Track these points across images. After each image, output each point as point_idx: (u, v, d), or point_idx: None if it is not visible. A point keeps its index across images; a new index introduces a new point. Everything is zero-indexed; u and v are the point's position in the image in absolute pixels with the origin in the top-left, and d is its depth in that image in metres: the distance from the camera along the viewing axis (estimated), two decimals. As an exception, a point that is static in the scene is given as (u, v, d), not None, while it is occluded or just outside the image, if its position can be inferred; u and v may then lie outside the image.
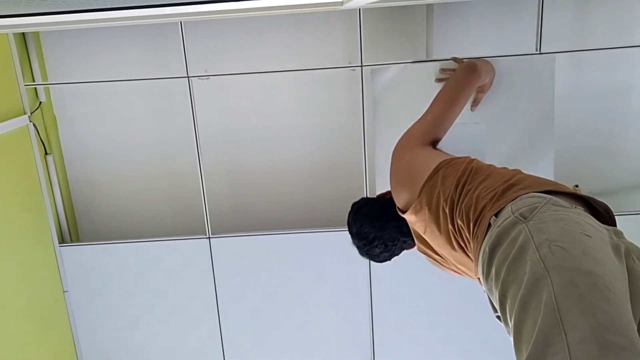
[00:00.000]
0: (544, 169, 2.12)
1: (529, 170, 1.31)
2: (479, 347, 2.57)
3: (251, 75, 2.36)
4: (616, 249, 0.99)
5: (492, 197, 1.17)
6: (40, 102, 2.44)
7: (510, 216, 1.07)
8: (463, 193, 1.26)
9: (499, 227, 1.07)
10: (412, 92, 2.33)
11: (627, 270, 0.96)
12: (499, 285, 1.00)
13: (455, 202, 1.27)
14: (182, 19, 2.09)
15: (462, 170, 1.31)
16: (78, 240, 2.65)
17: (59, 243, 2.47)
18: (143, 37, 2.42)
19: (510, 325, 0.97)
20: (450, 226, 1.28)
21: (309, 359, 2.63)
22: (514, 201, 1.11)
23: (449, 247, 1.34)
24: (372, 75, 2.19)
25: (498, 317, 1.13)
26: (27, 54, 2.37)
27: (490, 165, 1.32)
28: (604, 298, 0.85)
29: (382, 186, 2.40)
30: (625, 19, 2.37)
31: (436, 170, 1.36)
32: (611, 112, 2.49)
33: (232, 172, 2.62)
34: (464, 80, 1.80)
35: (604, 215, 1.13)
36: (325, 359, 2.63)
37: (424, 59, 2.28)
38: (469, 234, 1.22)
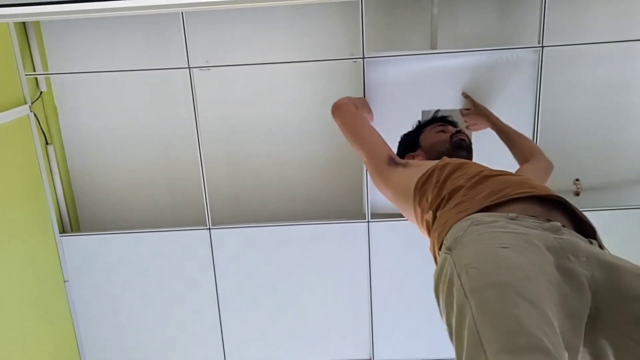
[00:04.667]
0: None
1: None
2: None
3: (252, 66, 2.35)
4: (549, 248, 1.02)
5: (439, 229, 1.25)
6: (41, 92, 2.44)
7: (443, 253, 1.15)
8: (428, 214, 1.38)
9: (437, 266, 1.16)
10: (416, 84, 2.33)
11: (560, 268, 0.98)
12: (445, 323, 1.06)
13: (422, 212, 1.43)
14: (183, 9, 2.08)
15: (430, 182, 1.42)
16: (79, 230, 2.65)
17: (60, 233, 2.47)
18: (144, 28, 2.41)
19: None
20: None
21: (309, 350, 2.64)
22: (449, 232, 1.18)
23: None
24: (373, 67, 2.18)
25: None
26: (28, 43, 2.36)
27: (449, 174, 1.40)
28: (511, 304, 0.88)
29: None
30: (627, 13, 2.36)
31: (414, 196, 1.46)
32: (612, 106, 2.48)
33: (233, 163, 2.62)
34: (344, 116, 1.87)
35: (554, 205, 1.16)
36: (324, 350, 2.64)
37: (428, 50, 2.27)
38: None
